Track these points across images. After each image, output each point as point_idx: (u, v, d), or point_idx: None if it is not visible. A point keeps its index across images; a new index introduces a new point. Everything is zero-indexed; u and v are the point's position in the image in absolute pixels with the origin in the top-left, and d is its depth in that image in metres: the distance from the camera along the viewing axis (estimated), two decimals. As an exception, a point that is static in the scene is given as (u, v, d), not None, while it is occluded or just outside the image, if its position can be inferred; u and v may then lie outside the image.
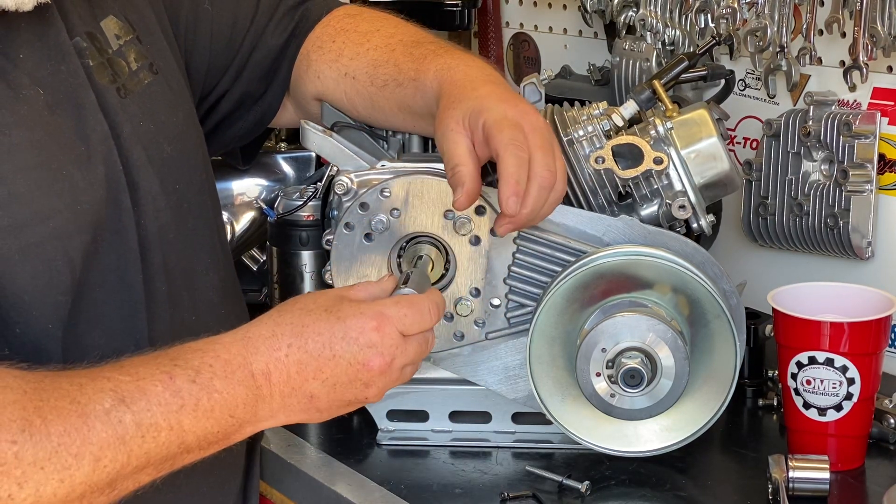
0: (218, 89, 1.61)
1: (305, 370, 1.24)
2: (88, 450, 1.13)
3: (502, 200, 1.35)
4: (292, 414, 1.25)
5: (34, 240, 1.23)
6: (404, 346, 1.27)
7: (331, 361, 1.24)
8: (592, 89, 2.08)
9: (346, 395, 1.26)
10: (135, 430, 1.15)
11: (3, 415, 1.11)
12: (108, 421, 1.14)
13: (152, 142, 1.38)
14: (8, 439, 1.10)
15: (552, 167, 1.37)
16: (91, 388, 1.15)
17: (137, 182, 1.34)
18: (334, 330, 1.25)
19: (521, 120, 1.38)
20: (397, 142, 1.61)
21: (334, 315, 1.25)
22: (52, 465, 1.12)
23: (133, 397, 1.16)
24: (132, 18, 1.44)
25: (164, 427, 1.17)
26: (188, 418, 1.18)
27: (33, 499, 1.11)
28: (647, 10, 1.98)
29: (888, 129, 1.76)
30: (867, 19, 1.71)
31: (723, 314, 1.47)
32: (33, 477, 1.11)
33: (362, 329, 1.25)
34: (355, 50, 1.59)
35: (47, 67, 1.29)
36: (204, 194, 1.48)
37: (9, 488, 1.10)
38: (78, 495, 1.13)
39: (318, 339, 1.25)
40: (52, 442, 1.12)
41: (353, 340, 1.25)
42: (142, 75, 1.41)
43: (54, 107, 1.27)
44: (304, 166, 2.06)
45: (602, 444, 1.52)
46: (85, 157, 1.28)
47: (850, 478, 1.51)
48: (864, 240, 1.77)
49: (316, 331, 1.25)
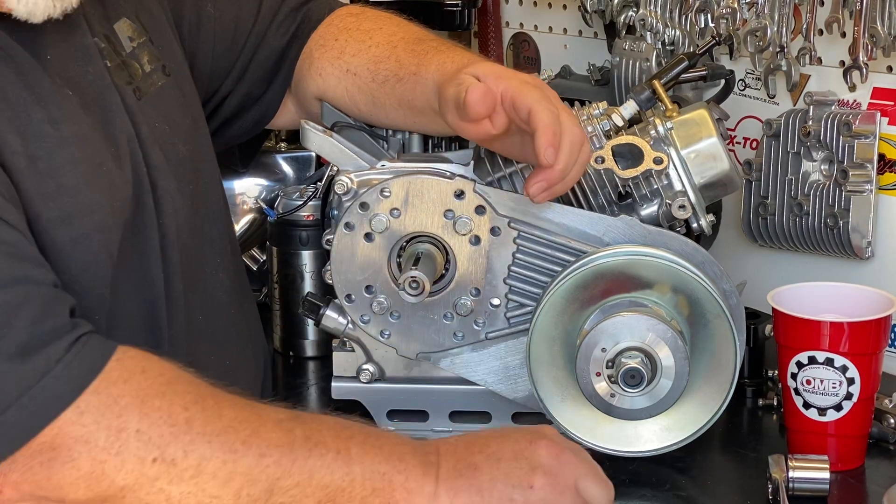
0: (222, 91, 1.62)
1: (472, 446, 1.25)
2: (256, 442, 1.13)
3: (539, 150, 1.35)
4: (456, 492, 1.21)
5: (82, 232, 1.25)
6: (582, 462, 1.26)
7: (499, 439, 1.25)
8: (592, 89, 2.08)
9: (510, 475, 1.22)
10: (303, 442, 1.15)
11: (178, 385, 1.13)
12: (280, 427, 1.15)
13: (167, 143, 1.39)
14: (181, 405, 1.11)
15: (580, 126, 1.40)
16: (267, 404, 1.18)
17: (157, 182, 1.35)
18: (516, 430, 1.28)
19: (540, 86, 1.41)
20: (397, 142, 1.61)
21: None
22: (219, 442, 1.12)
23: (307, 418, 1.18)
24: (144, 20, 1.44)
25: (332, 448, 1.17)
26: (356, 448, 1.18)
27: (194, 471, 1.11)
28: (647, 10, 1.98)
29: (888, 129, 1.76)
30: (867, 19, 1.71)
31: (723, 314, 1.47)
32: (200, 448, 1.11)
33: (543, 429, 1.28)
34: (357, 47, 1.59)
35: (75, 68, 1.30)
36: (214, 195, 1.49)
37: (174, 452, 1.11)
38: (236, 488, 1.12)
39: (494, 430, 1.28)
40: (223, 422, 1.13)
41: (533, 432, 1.27)
42: (155, 77, 1.42)
43: (85, 107, 1.29)
44: (304, 166, 2.06)
45: (602, 444, 1.52)
46: (117, 156, 1.30)
47: (850, 478, 1.51)
48: (864, 240, 1.77)
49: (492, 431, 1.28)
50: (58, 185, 1.23)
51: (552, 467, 1.24)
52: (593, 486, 1.26)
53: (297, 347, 1.88)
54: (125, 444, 1.10)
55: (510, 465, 1.23)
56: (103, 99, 1.32)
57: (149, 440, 1.10)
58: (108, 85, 1.33)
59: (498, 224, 1.52)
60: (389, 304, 1.55)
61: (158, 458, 1.10)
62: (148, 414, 1.11)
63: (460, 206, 1.51)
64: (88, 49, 1.32)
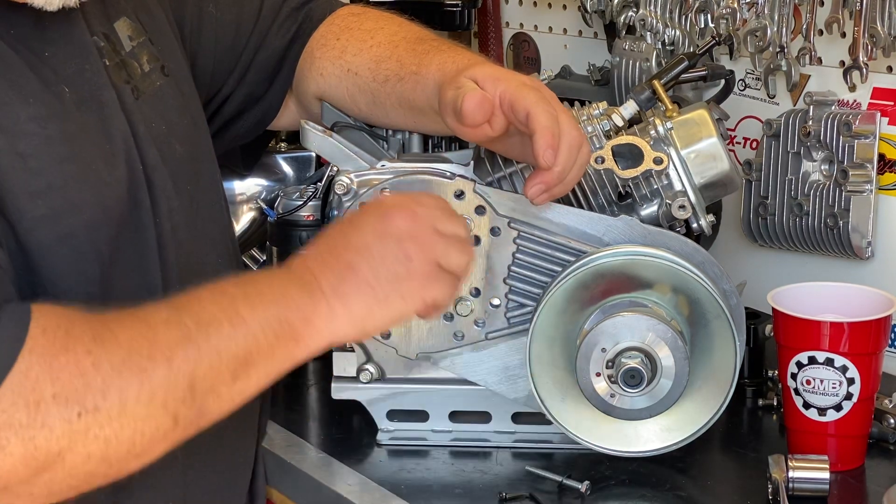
0: (223, 91, 1.62)
1: (336, 248, 1.24)
2: (159, 350, 1.14)
3: (538, 152, 1.36)
4: (347, 298, 1.22)
5: (68, 230, 1.25)
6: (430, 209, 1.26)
7: (357, 229, 1.25)
8: (592, 89, 2.08)
9: (385, 257, 1.23)
10: (196, 328, 1.16)
11: (73, 331, 1.12)
12: (169, 324, 1.16)
13: (164, 142, 1.39)
14: (83, 350, 1.12)
15: (579, 128, 1.40)
16: (147, 307, 1.18)
17: (153, 181, 1.35)
18: (346, 218, 1.29)
19: (539, 88, 1.41)
20: (397, 142, 1.61)
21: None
22: (128, 369, 1.13)
23: (186, 304, 1.19)
24: (144, 20, 1.44)
25: (224, 319, 1.17)
26: (244, 308, 1.19)
27: (118, 407, 1.12)
28: (647, 10, 1.98)
29: (888, 129, 1.76)
30: (867, 19, 1.71)
31: (723, 314, 1.47)
32: (114, 383, 1.12)
33: (375, 202, 1.29)
34: (358, 47, 1.59)
35: (72, 66, 1.30)
36: (213, 194, 1.49)
37: (94, 400, 1.11)
38: (160, 401, 1.14)
39: (337, 227, 1.28)
40: (124, 348, 1.13)
41: (375, 208, 1.27)
42: (154, 77, 1.42)
43: (79, 104, 1.29)
44: (304, 166, 2.06)
45: (602, 444, 1.52)
46: (109, 154, 1.30)
47: (850, 478, 1.51)
48: (864, 240, 1.77)
49: (333, 227, 1.28)
50: (46, 183, 1.23)
51: (414, 230, 1.25)
52: (447, 224, 1.27)
53: (297, 347, 1.88)
54: (47, 413, 1.10)
55: (379, 247, 1.23)
56: (99, 96, 1.32)
57: (66, 400, 1.11)
58: (105, 83, 1.33)
59: (498, 224, 1.52)
60: (389, 304, 1.54)
61: (82, 411, 1.11)
62: (58, 376, 1.11)
63: (460, 206, 1.51)
64: (87, 47, 1.33)
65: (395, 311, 1.24)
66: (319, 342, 1.23)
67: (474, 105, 1.36)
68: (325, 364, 1.76)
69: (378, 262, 1.23)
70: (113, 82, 1.34)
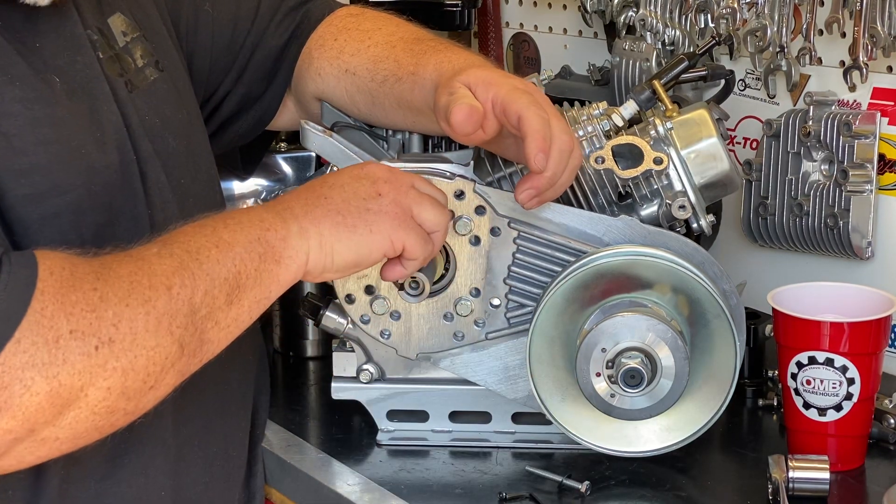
0: (221, 90, 1.62)
1: (313, 186, 1.33)
2: (159, 280, 1.19)
3: (529, 156, 1.37)
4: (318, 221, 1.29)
5: (52, 211, 1.26)
6: (407, 172, 1.37)
7: (334, 174, 1.34)
8: (592, 89, 2.08)
9: (357, 191, 1.31)
10: (187, 256, 1.21)
11: (77, 271, 1.16)
12: (161, 256, 1.21)
13: (158, 136, 1.40)
14: (89, 287, 1.15)
15: (570, 132, 1.41)
16: (137, 247, 1.23)
17: (146, 172, 1.36)
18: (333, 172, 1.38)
19: (532, 92, 1.41)
20: (397, 142, 1.61)
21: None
22: (134, 299, 1.17)
23: (173, 237, 1.24)
24: (138, 17, 1.45)
25: (211, 246, 1.23)
26: (225, 233, 1.24)
27: (130, 337, 1.16)
28: (647, 10, 1.98)
29: (888, 129, 1.76)
30: (867, 19, 1.71)
31: (723, 314, 1.47)
32: (124, 314, 1.16)
33: (360, 164, 1.39)
34: (356, 47, 1.59)
35: (64, 57, 1.31)
36: (209, 190, 1.50)
37: (108, 331, 1.15)
38: (166, 328, 1.18)
39: (318, 178, 1.36)
40: (125, 281, 1.17)
41: (352, 166, 1.38)
42: (147, 72, 1.42)
43: (71, 94, 1.30)
44: (304, 166, 2.06)
45: (602, 444, 1.52)
46: (101, 141, 1.31)
47: (850, 478, 1.51)
48: (864, 240, 1.77)
49: (320, 175, 1.39)
50: (30, 164, 1.24)
51: (389, 177, 1.34)
52: (425, 186, 1.37)
53: (297, 347, 1.88)
54: (67, 349, 1.13)
55: (354, 184, 1.33)
56: (91, 87, 1.33)
57: (83, 333, 1.14)
58: (98, 74, 1.34)
59: (498, 224, 1.52)
60: (389, 304, 1.55)
61: (98, 344, 1.14)
62: (71, 311, 1.14)
63: (460, 206, 1.51)
64: (79, 39, 1.34)
65: (361, 241, 1.30)
66: (297, 262, 1.28)
67: (462, 118, 1.37)
68: (325, 364, 1.76)
69: (350, 194, 1.31)
70: (106, 74, 1.35)
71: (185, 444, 1.41)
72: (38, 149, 1.25)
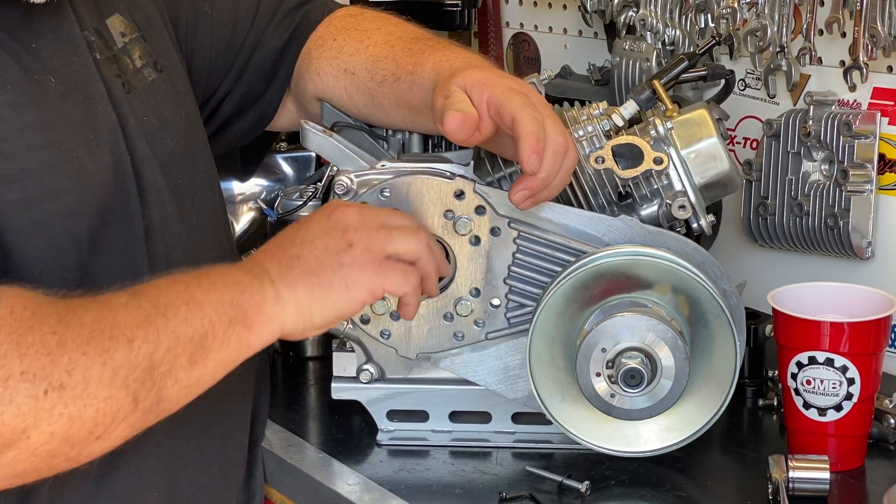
0: (220, 91, 1.62)
1: (284, 244, 1.31)
2: (121, 331, 1.18)
3: (523, 158, 1.36)
4: (293, 284, 1.28)
5: (43, 216, 1.26)
6: (378, 210, 1.34)
7: (304, 226, 1.32)
8: (592, 89, 2.08)
9: (328, 246, 1.29)
10: (154, 310, 1.20)
11: (39, 312, 1.15)
12: (128, 308, 1.20)
13: (156, 137, 1.40)
14: (49, 330, 1.14)
15: (565, 133, 1.40)
16: (104, 295, 1.21)
17: (142, 173, 1.36)
18: (306, 216, 1.35)
19: (527, 92, 1.41)
20: (397, 142, 1.61)
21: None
22: (92, 348, 1.16)
23: (144, 289, 1.23)
24: (137, 17, 1.45)
25: (181, 303, 1.21)
26: (198, 292, 1.23)
27: (82, 385, 1.15)
28: (647, 10, 1.98)
29: (888, 129, 1.76)
30: (867, 19, 1.71)
31: (723, 314, 1.47)
32: (79, 362, 1.15)
33: (329, 203, 1.35)
34: (355, 47, 1.59)
35: (59, 58, 1.31)
36: (208, 191, 1.50)
37: (59, 377, 1.14)
38: (122, 381, 1.16)
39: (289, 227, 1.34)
40: (87, 329, 1.16)
41: (323, 209, 1.34)
42: (146, 72, 1.43)
43: (65, 95, 1.30)
44: (304, 166, 2.06)
45: (602, 444, 1.52)
46: (94, 143, 1.31)
47: (850, 478, 1.51)
48: (864, 240, 1.77)
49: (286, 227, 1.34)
50: (20, 169, 1.24)
51: (359, 222, 1.31)
52: (395, 218, 1.35)
53: (297, 347, 1.88)
54: (15, 390, 1.12)
55: (325, 239, 1.30)
56: (86, 88, 1.33)
57: (34, 377, 1.13)
58: (93, 75, 1.34)
59: (498, 224, 1.52)
60: (389, 304, 1.55)
61: (48, 388, 1.13)
62: (26, 353, 1.13)
63: (460, 206, 1.51)
64: (75, 40, 1.34)
65: (339, 299, 1.29)
66: (271, 328, 1.27)
67: (455, 127, 1.37)
68: (325, 364, 1.76)
69: (322, 252, 1.29)
70: (102, 75, 1.35)
71: (181, 445, 1.40)
72: (28, 153, 1.24)
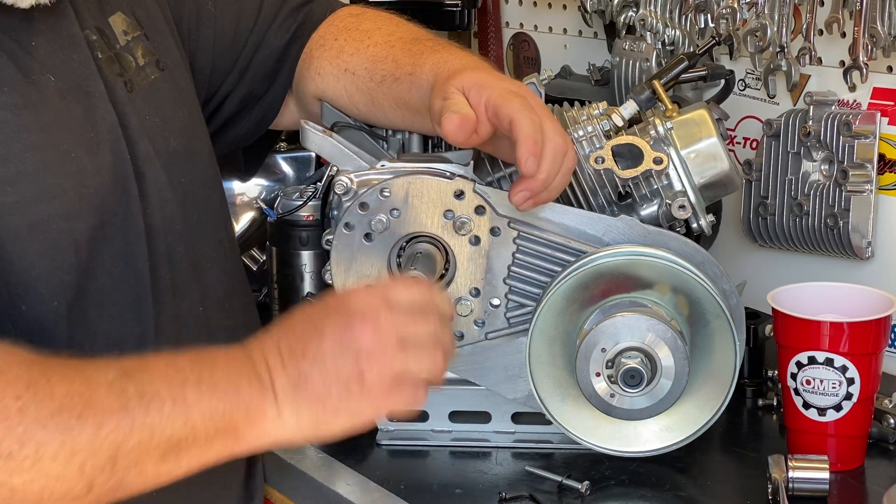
0: (222, 90, 1.62)
1: (295, 352, 1.20)
2: (91, 413, 1.12)
3: (520, 160, 1.36)
4: (297, 406, 1.19)
5: (40, 217, 1.25)
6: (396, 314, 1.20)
7: (315, 337, 1.20)
8: (592, 89, 2.08)
9: (339, 372, 1.19)
10: (137, 400, 1.13)
11: (9, 373, 1.10)
12: (111, 390, 1.13)
13: (158, 135, 1.39)
14: (13, 395, 1.10)
15: (564, 135, 1.40)
16: (96, 363, 1.15)
17: (144, 172, 1.36)
18: (316, 309, 1.22)
19: (525, 95, 1.41)
20: (397, 142, 1.61)
21: (319, 302, 1.23)
22: (54, 424, 1.10)
23: (136, 371, 1.15)
24: (140, 16, 1.45)
25: (168, 398, 1.14)
26: (192, 392, 1.16)
27: (32, 460, 1.10)
28: (647, 10, 1.98)
29: (888, 129, 1.76)
30: (867, 19, 1.71)
31: (723, 314, 1.47)
32: (35, 435, 1.10)
33: (345, 299, 1.21)
34: (356, 47, 1.60)
35: (59, 56, 1.31)
36: (210, 190, 1.50)
37: (9, 445, 1.09)
38: (78, 464, 1.11)
39: (303, 320, 1.22)
40: (56, 402, 1.11)
41: (335, 310, 1.21)
42: (148, 71, 1.43)
43: (65, 93, 1.30)
44: (304, 166, 2.06)
45: (602, 444, 1.52)
46: (94, 143, 1.31)
47: (849, 478, 1.51)
48: (864, 240, 1.77)
49: (301, 316, 1.22)
50: (16, 170, 1.23)
51: (372, 345, 1.19)
52: (418, 327, 1.22)
53: (297, 347, 1.88)
54: None
55: (336, 361, 1.19)
56: (86, 87, 1.33)
57: None
58: (94, 74, 1.34)
59: (498, 224, 1.52)
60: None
61: None
62: None
63: (460, 206, 1.51)
64: (75, 39, 1.34)
65: (343, 424, 1.21)
66: (262, 442, 1.20)
67: (452, 129, 1.37)
68: (325, 364, 1.75)
69: (332, 377, 1.19)
70: (103, 74, 1.35)
71: None
72: (24, 155, 1.24)
